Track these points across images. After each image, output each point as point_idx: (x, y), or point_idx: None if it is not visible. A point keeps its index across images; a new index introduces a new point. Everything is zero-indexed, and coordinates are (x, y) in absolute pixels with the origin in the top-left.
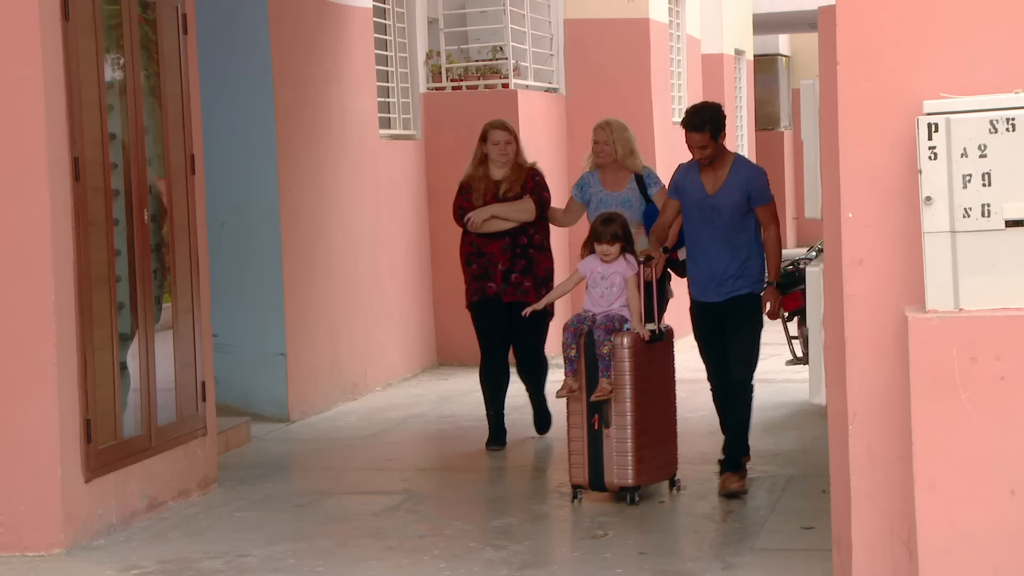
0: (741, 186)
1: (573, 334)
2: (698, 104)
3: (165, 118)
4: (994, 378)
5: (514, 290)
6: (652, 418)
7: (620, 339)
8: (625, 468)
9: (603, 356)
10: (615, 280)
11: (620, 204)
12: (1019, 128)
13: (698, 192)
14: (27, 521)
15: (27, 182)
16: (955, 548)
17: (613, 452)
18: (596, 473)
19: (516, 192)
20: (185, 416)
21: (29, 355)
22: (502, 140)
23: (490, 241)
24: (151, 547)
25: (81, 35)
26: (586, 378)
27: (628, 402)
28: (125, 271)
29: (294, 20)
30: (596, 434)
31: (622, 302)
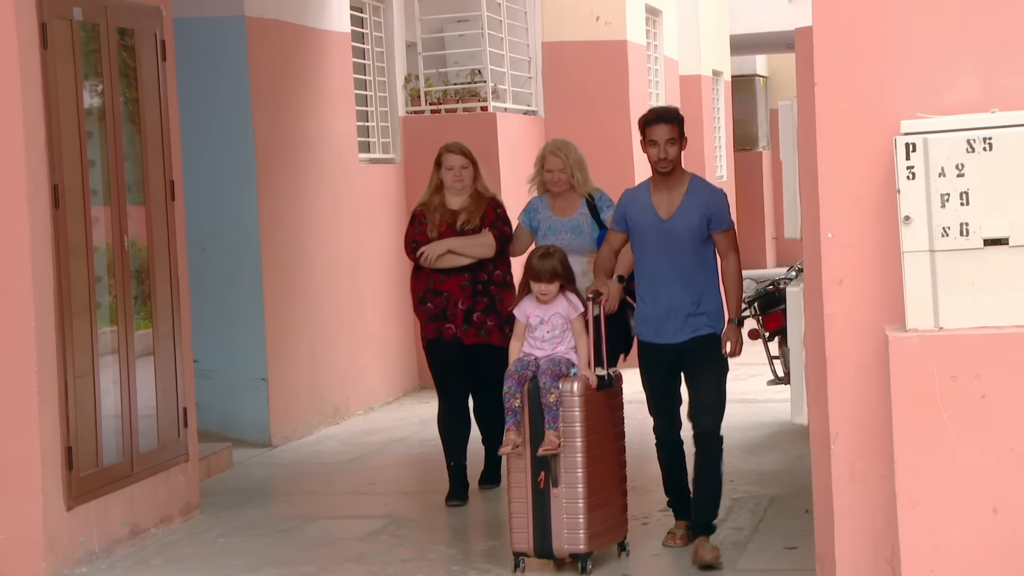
0: (699, 208)
1: (517, 381)
2: (657, 107)
3: (144, 144)
4: (975, 396)
5: (476, 331)
6: (604, 474)
7: (569, 386)
8: (576, 532)
9: (549, 405)
10: (556, 322)
11: (571, 230)
12: (996, 147)
13: (650, 217)
14: (8, 549)
15: (7, 210)
16: (938, 567)
17: (562, 514)
18: (542, 538)
19: (475, 224)
20: (167, 442)
21: (10, 382)
22: (457, 165)
23: (447, 277)
24: (133, 574)
25: (59, 62)
26: (531, 430)
27: (579, 456)
28: (108, 295)
29: (272, 45)
30: (542, 494)
31: (568, 344)
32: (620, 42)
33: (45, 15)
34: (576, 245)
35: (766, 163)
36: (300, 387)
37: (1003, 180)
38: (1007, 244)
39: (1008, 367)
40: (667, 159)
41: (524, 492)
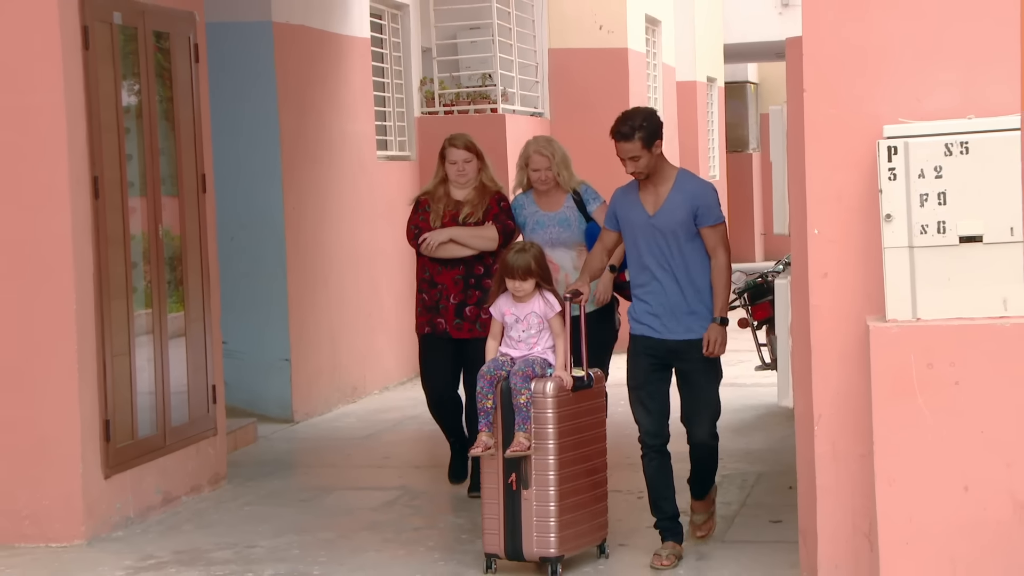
0: (685, 203)
1: (489, 382)
2: (628, 110)
3: (178, 140)
4: (949, 383)
5: (471, 325)
6: (579, 476)
7: (541, 386)
8: (547, 535)
9: (520, 406)
10: (532, 321)
11: (559, 224)
12: (972, 151)
13: (638, 214)
14: (50, 514)
15: (50, 200)
16: (913, 540)
17: (532, 517)
18: (513, 541)
19: (478, 217)
20: (197, 417)
21: (52, 361)
22: (460, 159)
23: (443, 270)
24: (166, 539)
25: (100, 63)
26: (503, 432)
27: (551, 459)
28: (143, 279)
29: (298, 50)
30: (514, 495)
31: (545, 343)
32: (621, 50)
33: (87, 18)
34: (564, 238)
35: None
36: (320, 367)
37: (978, 182)
38: (981, 241)
39: (980, 356)
40: (636, 171)
41: (496, 493)
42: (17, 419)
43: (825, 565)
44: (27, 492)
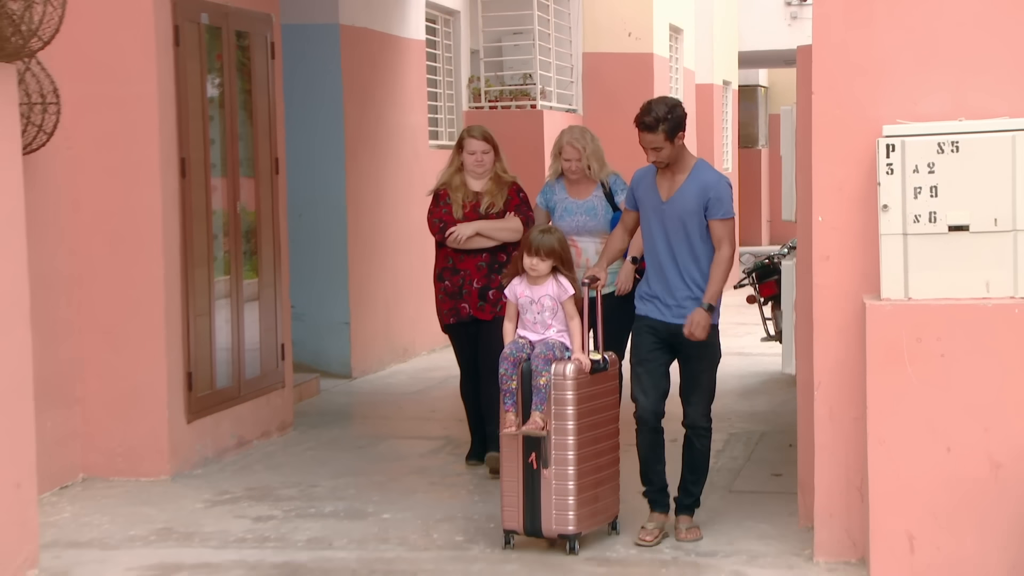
0: (698, 193)
1: (513, 364)
2: (652, 100)
3: (255, 127)
4: (935, 355)
5: (492, 307)
6: (595, 456)
7: (562, 369)
8: (565, 513)
9: (539, 387)
10: (545, 303)
11: (586, 212)
12: (962, 150)
13: (652, 198)
14: (140, 454)
15: (143, 179)
16: (900, 494)
17: (552, 495)
18: (532, 518)
19: (499, 208)
20: (267, 371)
21: (144, 320)
22: (479, 150)
23: (465, 257)
24: (239, 477)
25: (188, 58)
26: (524, 414)
27: (570, 439)
28: (222, 250)
29: (361, 50)
30: (533, 474)
31: (560, 326)
32: (647, 54)
33: (178, 19)
34: (591, 226)
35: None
36: (376, 330)
37: (967, 177)
38: (968, 230)
39: (964, 332)
40: (658, 161)
41: (515, 472)
42: (113, 370)
43: (821, 514)
44: (120, 433)
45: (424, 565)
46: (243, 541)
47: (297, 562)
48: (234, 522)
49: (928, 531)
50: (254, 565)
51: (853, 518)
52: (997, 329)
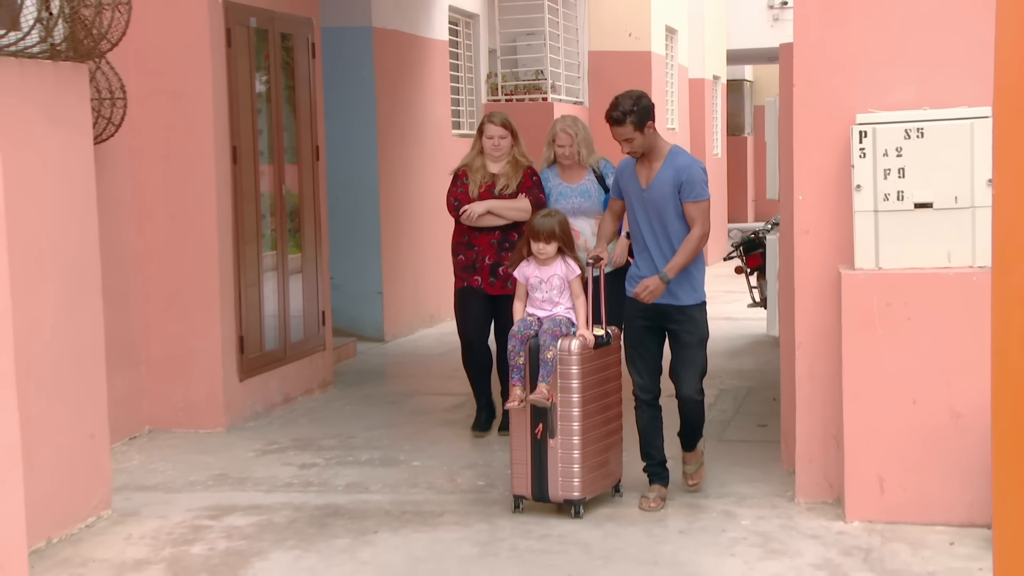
0: (672, 177)
1: (520, 341)
2: (618, 95)
3: (298, 119)
4: (903, 319)
5: (502, 283)
6: (599, 425)
7: (567, 344)
8: (571, 480)
9: (545, 361)
10: (554, 283)
11: (580, 195)
12: (926, 136)
13: (634, 186)
14: (199, 409)
15: (199, 165)
16: (871, 442)
17: (558, 463)
18: (540, 484)
19: (512, 189)
20: (310, 335)
21: (200, 290)
22: (496, 135)
23: (480, 234)
24: (286, 429)
25: (239, 58)
26: (531, 386)
27: (575, 411)
28: (269, 228)
29: (391, 50)
30: (540, 444)
31: (567, 304)
32: (646, 52)
33: (230, 22)
34: (586, 207)
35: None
36: (406, 299)
37: (930, 160)
38: (931, 207)
39: (928, 298)
40: (632, 151)
41: (524, 442)
42: (174, 335)
43: (801, 460)
44: (182, 390)
45: (449, 507)
46: (290, 485)
47: (337, 504)
48: (281, 469)
49: (896, 473)
50: (299, 507)
51: (830, 463)
52: (957, 295)
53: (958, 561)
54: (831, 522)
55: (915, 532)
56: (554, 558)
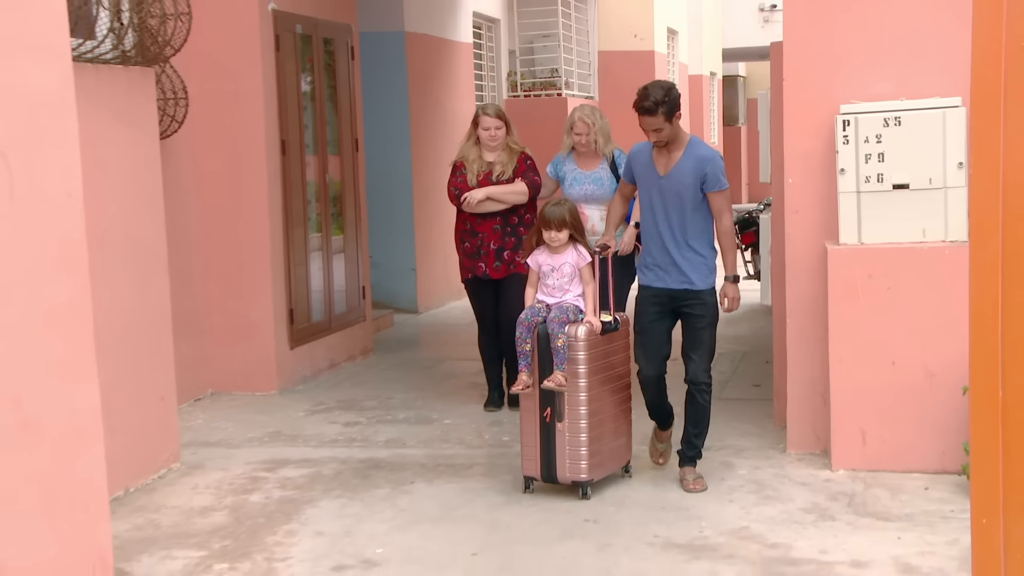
0: (694, 168)
1: (527, 328)
2: (648, 85)
3: (339, 115)
4: (883, 288)
5: (507, 266)
6: (607, 409)
7: (574, 330)
8: (578, 462)
9: (557, 349)
10: (565, 270)
11: (593, 182)
12: (903, 124)
13: (650, 173)
14: (254, 373)
15: (252, 157)
16: (854, 399)
17: (566, 446)
18: (548, 466)
19: (509, 175)
20: (352, 308)
21: (254, 268)
22: (492, 126)
23: (482, 221)
24: (331, 391)
25: (286, 60)
26: (539, 372)
27: (581, 395)
28: (315, 212)
29: (422, 51)
30: (548, 427)
31: (577, 291)
32: (649, 51)
33: (278, 29)
34: (598, 195)
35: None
36: (436, 275)
37: (907, 146)
38: (908, 188)
39: (905, 269)
40: (659, 140)
41: (533, 425)
42: (232, 308)
43: (792, 416)
44: (240, 357)
45: (477, 460)
46: (335, 441)
47: (378, 458)
48: (328, 427)
49: (876, 427)
50: (344, 460)
51: (817, 418)
52: (931, 266)
53: (932, 504)
54: (819, 471)
55: (894, 479)
56: (572, 504)
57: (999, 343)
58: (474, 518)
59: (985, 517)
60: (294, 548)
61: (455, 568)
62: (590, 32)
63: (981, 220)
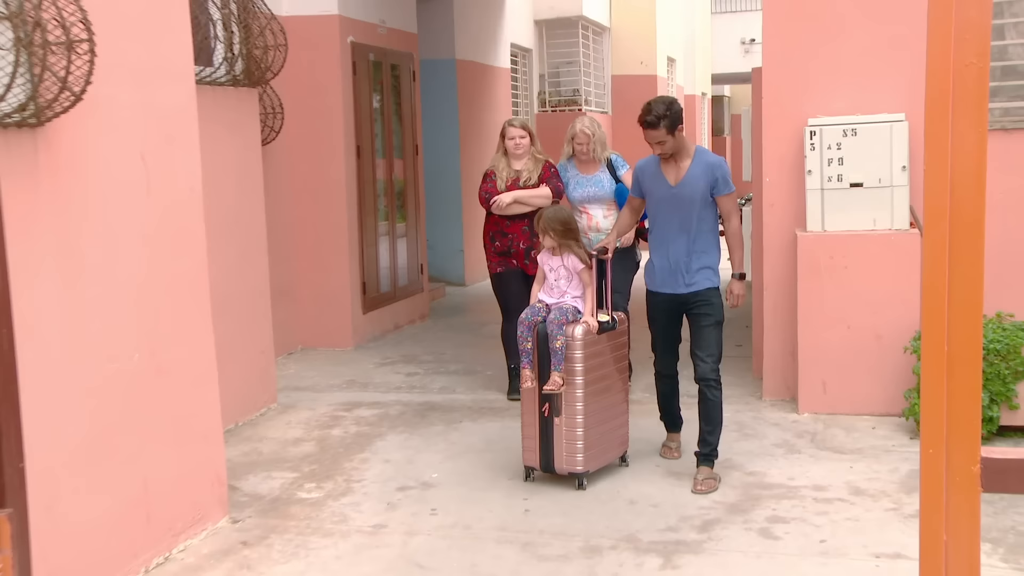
0: (704, 174)
1: (528, 327)
2: (651, 101)
3: (402, 125)
4: (841, 267)
5: (534, 265)
6: (603, 404)
7: (571, 330)
8: (575, 455)
9: (556, 350)
10: (561, 272)
11: (594, 184)
12: (858, 134)
13: (661, 185)
14: (335, 332)
15: (333, 160)
16: (817, 356)
17: (563, 440)
18: (547, 458)
19: (535, 181)
20: (412, 281)
21: (335, 249)
22: (517, 136)
23: (512, 223)
24: (396, 347)
25: (361, 82)
26: (539, 369)
27: (578, 392)
28: (383, 205)
29: (469, 75)
30: (547, 421)
31: (575, 292)
32: (652, 76)
33: (355, 57)
34: (600, 195)
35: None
36: (480, 255)
37: (861, 152)
38: (862, 186)
39: (859, 251)
40: (663, 153)
41: (533, 418)
42: (317, 281)
43: (767, 370)
44: (323, 320)
45: (514, 405)
46: (399, 388)
47: (433, 401)
48: (393, 376)
49: (835, 379)
50: (407, 403)
51: (788, 372)
52: (880, 249)
53: (878, 440)
54: (788, 414)
55: (848, 420)
56: None
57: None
58: (511, 450)
59: (931, 447)
60: (367, 472)
61: (495, 489)
62: (604, 60)
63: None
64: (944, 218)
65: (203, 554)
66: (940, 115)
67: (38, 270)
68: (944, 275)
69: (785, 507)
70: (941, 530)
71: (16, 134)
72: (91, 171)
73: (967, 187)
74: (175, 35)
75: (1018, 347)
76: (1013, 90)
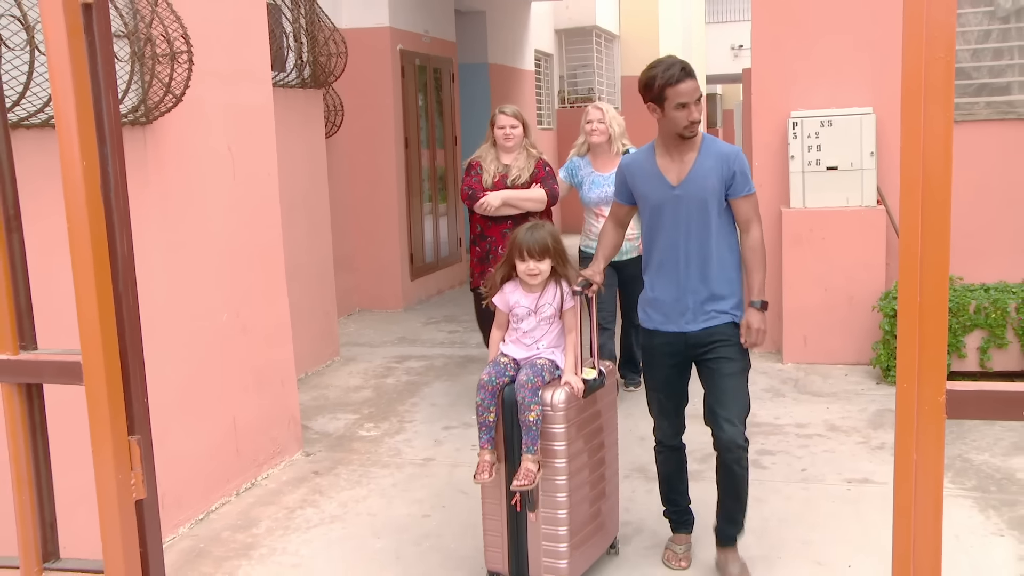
0: (717, 167)
1: (491, 393)
2: (662, 58)
3: (443, 120)
4: (819, 239)
5: None
6: (590, 485)
7: (550, 396)
8: (556, 561)
9: (529, 425)
10: (545, 312)
11: (612, 183)
12: (834, 125)
13: (658, 185)
14: (387, 296)
15: (385, 150)
16: (792, 314)
17: (540, 541)
18: (518, 563)
19: (525, 180)
20: (451, 252)
21: (387, 225)
22: (507, 125)
23: (492, 224)
24: (438, 308)
25: (408, 84)
26: (505, 446)
27: (560, 479)
28: (427, 188)
29: (500, 77)
30: (518, 516)
31: (552, 340)
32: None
33: (403, 62)
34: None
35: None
36: None
37: (836, 140)
38: (837, 170)
39: (835, 225)
40: (696, 120)
41: (498, 510)
42: (372, 252)
43: None
44: (377, 286)
45: None
46: (443, 343)
47: (472, 355)
48: (437, 333)
49: (814, 334)
50: (449, 356)
51: (775, 328)
52: (852, 224)
53: (850, 385)
54: (774, 364)
55: (825, 368)
56: None
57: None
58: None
59: (905, 382)
60: (417, 414)
61: None
62: (615, 63)
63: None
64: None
65: (283, 481)
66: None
67: (148, 245)
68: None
69: (772, 442)
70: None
71: (129, 131)
72: (188, 160)
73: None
74: (255, 46)
75: (966, 305)
76: (957, 88)
